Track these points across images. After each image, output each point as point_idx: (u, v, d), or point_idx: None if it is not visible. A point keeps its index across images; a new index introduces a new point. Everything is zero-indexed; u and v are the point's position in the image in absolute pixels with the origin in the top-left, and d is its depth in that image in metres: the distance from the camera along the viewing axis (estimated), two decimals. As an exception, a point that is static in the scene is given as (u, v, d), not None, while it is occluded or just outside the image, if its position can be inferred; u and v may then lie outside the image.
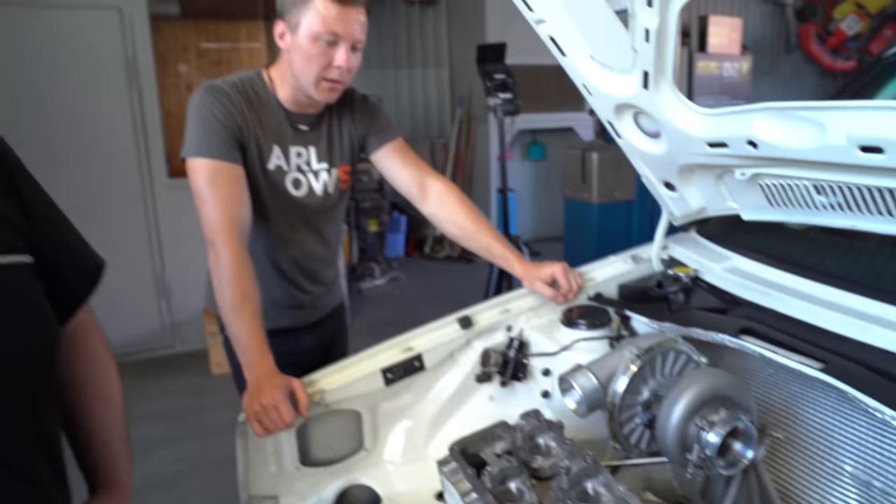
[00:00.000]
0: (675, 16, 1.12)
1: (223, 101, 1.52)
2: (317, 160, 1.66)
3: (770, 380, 1.27)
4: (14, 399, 0.81)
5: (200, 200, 1.47)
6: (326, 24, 1.45)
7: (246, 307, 1.37)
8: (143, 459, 3.23)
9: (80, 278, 1.01)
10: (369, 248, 6.28)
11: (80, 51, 4.02)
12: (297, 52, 1.50)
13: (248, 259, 1.44)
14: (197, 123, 1.51)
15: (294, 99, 1.60)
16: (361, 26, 1.50)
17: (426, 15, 7.22)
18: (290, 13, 1.48)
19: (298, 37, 1.48)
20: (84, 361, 1.06)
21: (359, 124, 1.72)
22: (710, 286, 1.56)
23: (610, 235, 4.03)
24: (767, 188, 1.41)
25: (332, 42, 1.48)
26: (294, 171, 1.63)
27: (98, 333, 1.10)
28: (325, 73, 1.51)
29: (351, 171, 1.74)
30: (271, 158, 1.60)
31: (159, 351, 4.55)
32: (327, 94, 1.56)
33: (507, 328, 1.59)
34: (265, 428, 1.25)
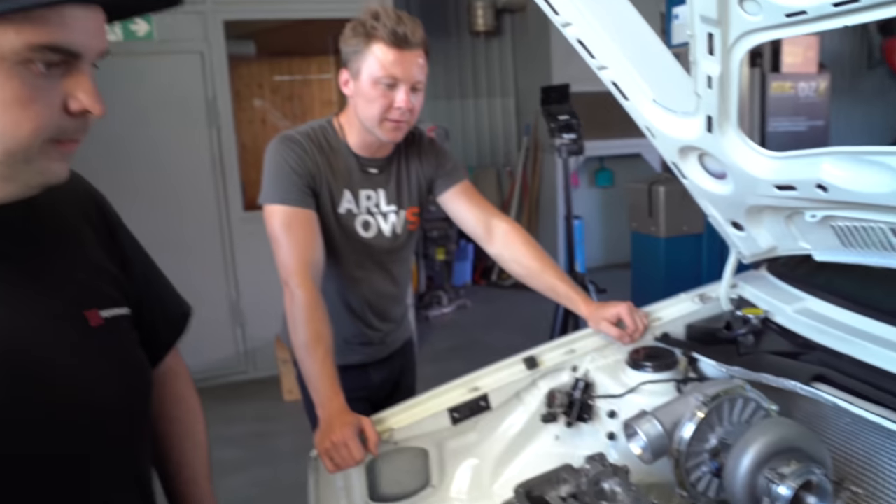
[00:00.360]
0: (738, 64, 1.12)
1: (297, 149, 1.61)
2: (385, 202, 1.73)
3: (848, 429, 1.22)
4: (113, 443, 0.86)
5: (276, 244, 1.55)
6: (385, 68, 1.53)
7: (319, 347, 1.43)
8: (217, 483, 3.28)
9: (170, 326, 1.08)
10: (437, 277, 6.34)
11: (164, 94, 4.28)
12: (360, 96, 1.58)
13: (321, 300, 1.50)
14: (273, 172, 1.60)
15: (363, 143, 1.68)
16: (420, 68, 1.57)
17: (491, 45, 7.31)
18: (352, 61, 1.57)
19: (360, 82, 1.57)
20: (172, 402, 1.14)
21: (426, 167, 1.78)
22: (781, 328, 1.53)
23: (678, 270, 3.93)
24: (840, 230, 1.38)
25: (391, 85, 1.55)
26: (364, 213, 1.70)
27: (185, 375, 1.18)
28: (386, 115, 1.58)
29: (419, 213, 1.80)
30: (342, 202, 1.67)
31: (234, 377, 4.71)
32: (392, 134, 1.62)
33: (573, 368, 1.59)
34: (336, 464, 1.29)
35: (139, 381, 0.92)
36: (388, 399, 1.90)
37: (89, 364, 0.82)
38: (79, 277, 0.85)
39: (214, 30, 4.30)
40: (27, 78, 0.66)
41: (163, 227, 4.34)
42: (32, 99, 0.67)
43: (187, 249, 4.44)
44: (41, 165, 0.71)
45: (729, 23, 1.04)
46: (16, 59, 0.65)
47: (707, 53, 1.12)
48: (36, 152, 0.69)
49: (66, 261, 0.84)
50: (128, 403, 0.88)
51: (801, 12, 0.94)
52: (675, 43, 3.86)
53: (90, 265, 0.88)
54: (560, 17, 1.30)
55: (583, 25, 1.30)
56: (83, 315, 0.82)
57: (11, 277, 0.77)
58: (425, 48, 1.58)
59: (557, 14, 1.30)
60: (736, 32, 1.05)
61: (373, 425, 1.34)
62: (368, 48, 1.53)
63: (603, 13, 1.29)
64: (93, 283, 0.86)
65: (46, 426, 0.77)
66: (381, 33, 1.51)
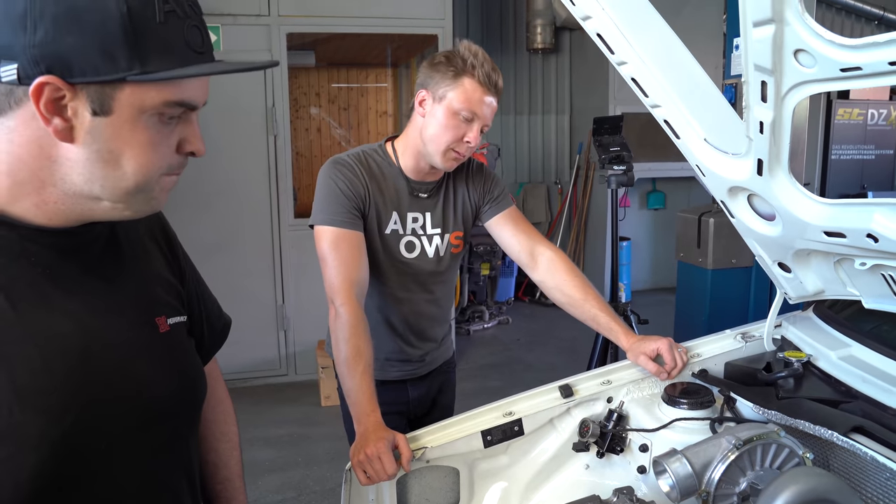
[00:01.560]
0: (790, 111, 1.12)
1: (346, 173, 1.68)
2: (431, 225, 1.78)
3: (887, 484, 1.20)
4: (173, 436, 0.97)
5: (324, 263, 1.62)
6: (470, 102, 1.61)
7: (359, 363, 1.47)
8: (253, 483, 3.42)
9: (214, 335, 1.17)
10: (480, 292, 6.36)
11: (226, 102, 4.42)
12: (435, 119, 1.65)
13: (364, 318, 1.56)
14: (323, 194, 1.67)
15: (416, 167, 1.73)
16: (493, 112, 1.67)
17: (549, 62, 7.32)
18: (439, 85, 1.64)
19: (440, 107, 1.64)
20: (211, 406, 1.22)
21: (474, 193, 1.83)
22: (823, 374, 1.51)
23: (724, 303, 3.86)
24: (891, 279, 1.36)
25: (469, 119, 1.63)
26: (409, 234, 1.75)
27: (222, 383, 1.27)
28: (454, 146, 1.65)
29: (463, 237, 1.84)
30: (388, 224, 1.73)
31: (274, 378, 4.81)
32: (450, 164, 1.69)
33: (608, 399, 1.60)
34: (368, 477, 1.33)
35: (197, 381, 1.02)
36: (424, 416, 1.93)
37: (158, 364, 0.93)
38: (149, 289, 0.96)
39: (278, 42, 4.44)
40: (158, 126, 0.80)
41: (218, 230, 4.51)
42: (160, 142, 0.81)
43: (239, 253, 4.58)
44: (153, 195, 0.85)
45: (783, 73, 1.05)
46: (153, 112, 0.78)
47: (760, 100, 1.13)
48: (154, 184, 0.83)
49: (139, 274, 0.96)
50: (187, 400, 0.99)
51: (857, 68, 0.94)
52: (734, 73, 3.81)
53: (158, 278, 0.99)
54: (615, 56, 1.32)
55: (637, 65, 1.31)
56: (154, 322, 0.94)
57: (96, 285, 0.88)
58: (499, 98, 1.69)
59: (613, 53, 1.32)
60: (790, 82, 1.05)
61: (407, 442, 1.37)
62: (460, 80, 1.62)
63: (657, 53, 1.30)
64: (160, 294, 0.98)
65: (117, 416, 0.86)
66: (478, 72, 1.62)
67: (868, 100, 6.53)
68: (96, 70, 0.73)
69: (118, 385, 0.86)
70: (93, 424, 0.83)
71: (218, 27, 4.31)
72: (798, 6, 0.94)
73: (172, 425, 0.96)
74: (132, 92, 0.76)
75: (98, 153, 0.77)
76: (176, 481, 0.99)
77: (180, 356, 0.99)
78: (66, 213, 0.82)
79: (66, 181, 0.79)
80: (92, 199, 0.81)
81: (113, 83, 0.74)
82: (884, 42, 0.87)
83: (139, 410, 0.89)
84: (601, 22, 1.30)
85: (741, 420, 1.42)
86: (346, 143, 7.17)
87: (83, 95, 0.74)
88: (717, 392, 1.54)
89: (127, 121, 0.77)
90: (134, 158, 0.79)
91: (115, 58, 0.73)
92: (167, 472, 0.97)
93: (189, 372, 1.00)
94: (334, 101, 7.08)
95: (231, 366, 4.55)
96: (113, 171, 0.79)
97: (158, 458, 0.94)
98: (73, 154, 0.77)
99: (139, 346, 0.91)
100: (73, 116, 0.75)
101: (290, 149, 4.63)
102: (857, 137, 6.56)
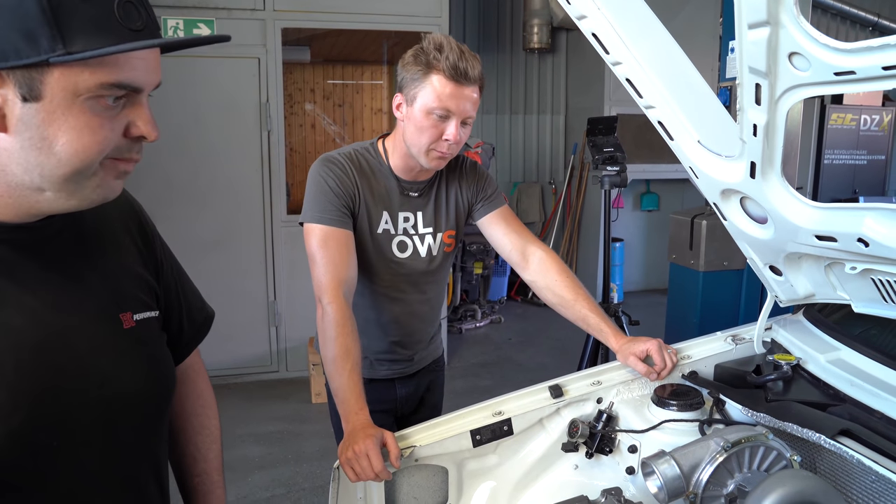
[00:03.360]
0: (784, 114, 1.12)
1: (337, 171, 1.67)
2: (423, 225, 1.76)
3: (873, 487, 1.21)
4: (140, 428, 0.97)
5: (312, 261, 1.61)
6: (441, 100, 1.55)
7: (347, 362, 1.47)
8: (242, 480, 3.41)
9: (194, 328, 1.17)
10: (472, 291, 6.36)
11: (220, 96, 4.42)
12: (411, 122, 1.61)
13: (351, 317, 1.55)
14: (313, 192, 1.66)
15: (406, 167, 1.72)
16: (473, 103, 1.60)
17: (545, 62, 7.33)
18: (409, 87, 1.60)
19: (414, 109, 1.59)
20: (191, 398, 1.23)
21: (466, 191, 1.81)
22: (812, 377, 1.51)
23: (715, 305, 3.87)
24: (881, 283, 1.36)
25: (444, 116, 1.57)
26: (401, 234, 1.74)
27: (204, 375, 1.27)
28: (434, 145, 1.61)
29: (455, 235, 1.83)
30: (380, 223, 1.72)
31: (265, 375, 4.80)
32: (436, 163, 1.66)
33: (598, 400, 1.60)
34: (356, 474, 1.32)
35: (164, 378, 1.02)
36: (412, 414, 1.93)
37: (121, 360, 0.92)
38: (116, 283, 0.96)
39: (272, 36, 4.42)
40: (97, 109, 0.77)
41: (211, 226, 4.50)
42: (100, 126, 0.77)
43: (232, 249, 4.57)
44: (100, 181, 0.82)
45: (777, 75, 1.05)
46: (89, 95, 0.75)
47: (754, 103, 1.13)
48: (97, 168, 0.80)
49: (107, 268, 0.95)
50: (152, 397, 0.98)
51: (850, 72, 0.94)
52: (729, 76, 3.82)
53: (127, 272, 0.99)
54: (611, 56, 1.32)
55: (632, 65, 1.31)
56: (119, 318, 0.93)
57: (57, 280, 0.87)
58: (480, 84, 1.61)
59: (608, 53, 1.32)
60: (784, 85, 1.06)
61: (395, 439, 1.37)
62: (427, 78, 1.56)
63: (652, 55, 1.30)
64: (128, 289, 0.97)
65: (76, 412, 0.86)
66: (443, 66, 1.54)
67: (861, 105, 6.57)
68: (17, 53, 0.70)
69: (76, 380, 0.86)
70: (48, 420, 0.82)
71: (212, 21, 4.29)
72: (793, 9, 0.94)
73: (137, 422, 0.96)
74: (61, 75, 0.73)
75: (31, 140, 0.75)
76: (143, 478, 0.99)
77: (147, 352, 0.98)
78: (14, 208, 0.81)
79: (7, 172, 0.77)
80: (34, 189, 0.79)
81: (38, 66, 0.72)
82: (878, 46, 0.87)
83: (101, 406, 0.88)
84: (596, 22, 1.30)
85: (730, 422, 1.42)
86: (341, 139, 7.16)
87: (10, 82, 0.72)
88: (707, 394, 1.54)
89: (59, 105, 0.74)
90: (69, 143, 0.76)
91: (36, 39, 0.70)
92: (133, 468, 0.97)
93: (155, 368, 0.99)
94: (329, 98, 7.06)
95: (222, 362, 4.54)
96: (47, 157, 0.76)
97: (123, 455, 0.94)
98: (7, 144, 0.75)
99: (101, 342, 0.90)
100: (3, 104, 0.73)
101: (284, 145, 4.62)
102: (849, 142, 6.60)
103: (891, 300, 1.37)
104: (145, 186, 4.27)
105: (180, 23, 4.22)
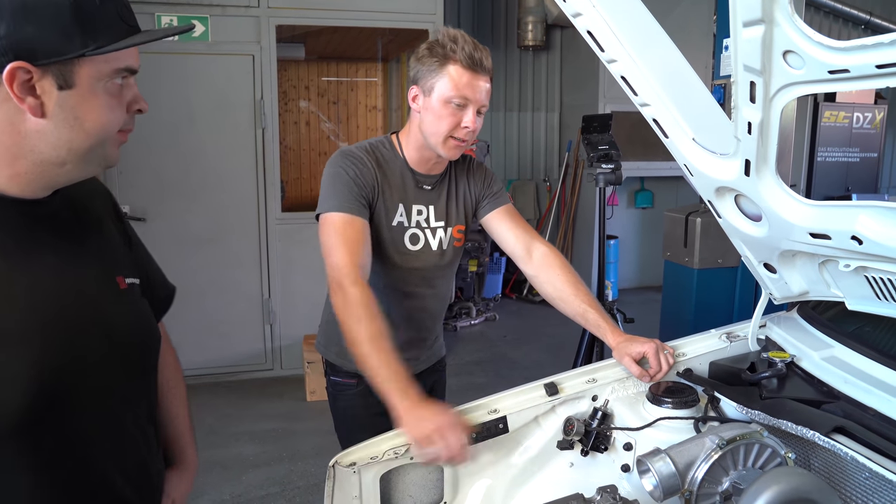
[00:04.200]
0: (778, 112, 1.12)
1: (357, 163, 1.69)
2: (435, 218, 1.80)
3: (866, 484, 1.21)
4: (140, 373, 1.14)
5: (328, 248, 1.60)
6: (458, 89, 1.61)
7: (384, 340, 1.46)
8: (237, 478, 3.40)
9: (159, 302, 1.30)
10: (467, 288, 6.36)
11: (214, 93, 4.41)
12: (429, 112, 1.65)
13: (374, 298, 1.54)
14: (331, 183, 1.67)
15: (420, 159, 1.75)
16: (487, 93, 1.66)
17: (540, 60, 7.33)
18: (426, 79, 1.64)
19: (432, 100, 1.64)
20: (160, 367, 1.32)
21: (474, 188, 1.85)
22: (806, 374, 1.52)
23: (710, 302, 3.88)
24: (874, 281, 1.37)
25: (461, 105, 1.62)
26: (413, 227, 1.77)
27: (169, 344, 1.41)
28: (453, 133, 1.65)
29: (464, 230, 1.86)
30: (395, 216, 1.74)
31: (260, 373, 4.80)
32: (453, 152, 1.69)
33: (593, 398, 1.60)
34: (432, 455, 1.29)
35: (153, 330, 1.20)
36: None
37: (121, 314, 1.09)
38: (109, 253, 1.13)
39: (267, 34, 4.41)
40: (112, 90, 0.95)
41: (205, 223, 4.49)
42: (117, 104, 0.97)
43: (226, 246, 4.56)
44: (109, 150, 0.99)
45: (772, 73, 1.05)
46: (107, 79, 0.94)
47: (748, 101, 1.13)
48: (109, 141, 0.98)
49: (99, 241, 1.11)
50: (147, 344, 1.17)
51: (844, 70, 0.94)
52: (723, 74, 3.83)
53: (114, 245, 1.16)
54: (606, 53, 1.32)
55: (627, 63, 1.31)
56: (115, 279, 1.10)
57: (67, 244, 1.04)
58: (491, 75, 1.67)
59: (603, 51, 1.32)
60: (778, 83, 1.06)
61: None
62: (444, 68, 1.61)
63: (647, 52, 1.30)
64: (118, 257, 1.15)
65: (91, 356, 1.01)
66: (459, 56, 1.60)
67: (854, 103, 6.60)
68: (57, 51, 0.88)
69: (91, 329, 1.02)
70: (68, 364, 0.97)
71: (206, 17, 4.27)
72: (788, 7, 0.94)
73: (138, 369, 1.13)
74: (89, 65, 0.91)
75: (65, 121, 0.91)
76: (144, 421, 1.15)
77: (138, 308, 1.15)
78: (35, 183, 0.96)
79: (35, 152, 0.92)
80: (58, 164, 0.95)
81: (72, 60, 0.89)
82: (872, 45, 0.87)
83: (111, 353, 1.04)
84: (592, 19, 1.30)
85: (725, 419, 1.43)
86: (335, 137, 7.14)
87: (49, 74, 0.88)
88: (702, 391, 1.55)
89: (87, 90, 0.92)
90: (95, 120, 0.93)
91: (72, 38, 0.88)
92: (137, 410, 1.13)
93: (149, 324, 1.18)
94: (324, 95, 7.04)
95: (216, 360, 4.53)
96: (77, 134, 0.93)
97: (128, 398, 1.10)
98: (42, 126, 0.90)
99: (106, 298, 1.07)
100: (43, 93, 0.89)
101: (278, 142, 4.60)
102: (842, 140, 6.63)
103: (884, 297, 1.38)
104: (139, 184, 4.26)
105: (174, 19, 4.21)
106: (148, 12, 4.14)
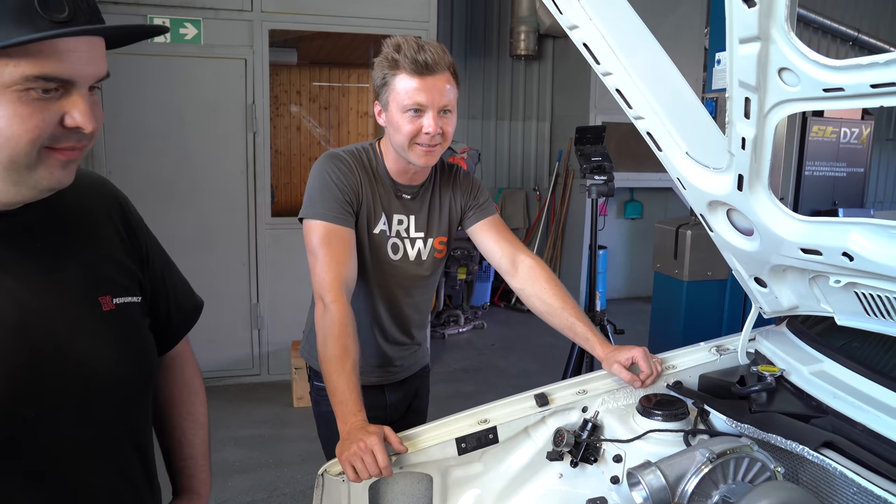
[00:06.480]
0: (772, 129, 1.13)
1: (342, 168, 1.67)
2: (415, 229, 1.77)
3: (854, 499, 1.22)
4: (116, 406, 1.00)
5: (313, 258, 1.60)
6: (410, 97, 1.57)
7: (346, 362, 1.46)
8: (223, 484, 3.37)
9: (182, 316, 1.21)
10: (456, 296, 6.35)
11: (206, 96, 4.39)
12: (391, 125, 1.63)
13: (352, 317, 1.54)
14: (317, 187, 1.65)
15: (399, 169, 1.73)
16: (446, 92, 1.60)
17: (532, 69, 7.36)
18: (381, 93, 1.62)
19: (390, 112, 1.61)
20: (179, 386, 1.27)
21: (460, 199, 1.83)
22: (795, 389, 1.52)
23: (699, 315, 3.90)
24: (864, 297, 1.38)
25: (418, 111, 1.58)
26: (394, 236, 1.75)
27: (192, 363, 1.32)
28: (416, 140, 1.61)
29: (446, 242, 1.84)
30: (378, 224, 1.72)
31: (246, 378, 4.77)
32: (425, 158, 1.64)
33: (583, 409, 1.60)
34: (357, 473, 1.30)
35: (143, 361, 1.04)
36: (399, 421, 1.92)
37: (101, 341, 0.95)
38: (96, 268, 0.99)
39: (260, 38, 4.40)
40: (26, 100, 0.77)
41: (194, 227, 4.46)
42: (31, 115, 0.78)
43: (215, 250, 4.53)
44: (44, 171, 0.83)
45: (766, 90, 1.06)
46: (16, 88, 0.76)
47: (743, 116, 1.14)
48: (35, 159, 0.81)
49: (87, 253, 0.98)
50: (132, 376, 1.02)
51: (839, 89, 0.95)
52: (716, 88, 3.86)
53: (108, 258, 1.02)
54: (601, 66, 1.33)
55: (622, 76, 1.32)
56: (97, 300, 0.96)
57: (36, 264, 0.90)
58: (451, 70, 1.62)
59: (599, 64, 1.32)
60: (773, 100, 1.07)
61: (396, 435, 1.37)
62: (393, 79, 1.58)
63: (643, 66, 1.31)
64: (108, 273, 1.00)
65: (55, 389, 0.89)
66: (403, 63, 1.55)
67: (841, 118, 6.66)
68: None
69: (54, 358, 0.89)
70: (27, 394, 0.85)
71: (199, 21, 4.25)
72: (784, 25, 0.95)
73: (116, 400, 0.98)
74: None
75: None
76: (124, 454, 1.03)
77: (127, 333, 1.00)
78: None
79: None
80: None
81: None
82: (867, 64, 0.88)
83: (79, 384, 0.92)
84: (588, 32, 1.31)
85: (715, 433, 1.43)
86: (326, 142, 7.13)
87: None
88: (692, 404, 1.55)
89: None
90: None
91: None
92: (112, 444, 1.00)
93: (134, 350, 1.02)
94: (315, 100, 7.04)
95: (203, 364, 4.43)
96: None
97: (102, 431, 0.97)
98: None
99: (79, 324, 0.93)
100: None
101: (269, 146, 4.59)
102: (829, 155, 6.68)
103: (873, 314, 1.39)
104: (128, 187, 4.20)
105: (166, 22, 4.18)
106: (140, 14, 4.12)
